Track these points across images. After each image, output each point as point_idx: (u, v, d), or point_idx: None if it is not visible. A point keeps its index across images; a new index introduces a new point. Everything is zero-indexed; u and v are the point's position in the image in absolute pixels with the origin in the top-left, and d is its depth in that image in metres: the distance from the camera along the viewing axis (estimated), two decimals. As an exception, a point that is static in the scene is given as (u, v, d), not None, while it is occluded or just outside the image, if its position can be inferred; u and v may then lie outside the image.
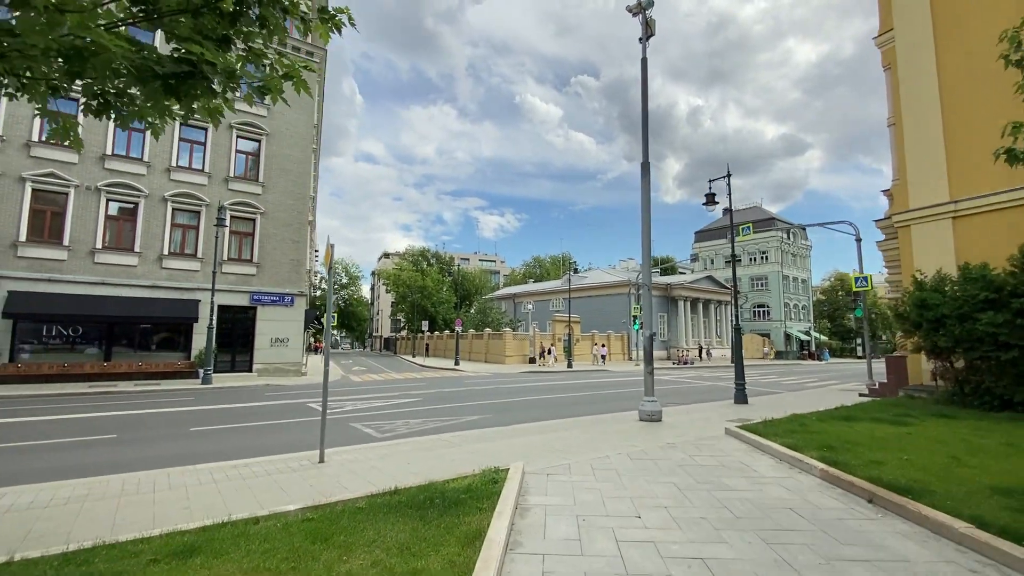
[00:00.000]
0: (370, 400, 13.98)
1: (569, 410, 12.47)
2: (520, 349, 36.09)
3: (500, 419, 10.95)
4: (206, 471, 6.14)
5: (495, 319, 43.50)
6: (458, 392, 16.21)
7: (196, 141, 21.04)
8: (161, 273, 19.78)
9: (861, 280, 19.06)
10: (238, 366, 21.27)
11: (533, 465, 6.24)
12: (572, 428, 9.20)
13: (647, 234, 10.45)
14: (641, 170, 10.74)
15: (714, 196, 14.68)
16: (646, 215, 10.44)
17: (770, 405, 12.99)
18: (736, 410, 11.92)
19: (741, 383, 13.42)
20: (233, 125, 21.59)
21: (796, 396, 15.70)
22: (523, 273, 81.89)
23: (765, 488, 5.32)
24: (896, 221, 13.94)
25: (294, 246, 22.70)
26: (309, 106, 23.74)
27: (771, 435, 7.65)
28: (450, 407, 12.75)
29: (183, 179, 20.47)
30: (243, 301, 21.31)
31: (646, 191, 10.52)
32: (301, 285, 22.67)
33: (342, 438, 8.78)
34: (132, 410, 11.93)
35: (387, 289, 64.92)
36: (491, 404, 13.45)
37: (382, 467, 6.33)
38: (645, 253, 10.42)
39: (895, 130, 14.48)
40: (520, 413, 11.87)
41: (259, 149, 22.35)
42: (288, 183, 22.78)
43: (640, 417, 10.16)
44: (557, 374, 26.76)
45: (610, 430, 8.99)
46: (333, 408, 12.29)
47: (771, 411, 11.67)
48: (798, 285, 61.07)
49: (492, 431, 8.96)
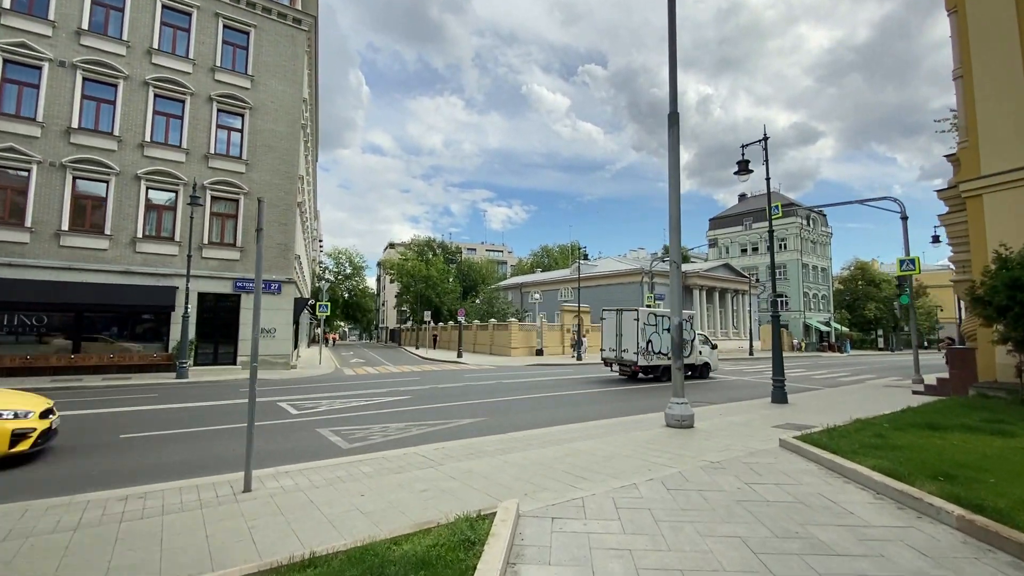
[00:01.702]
0: (352, 398, 12.29)
1: (580, 410, 10.68)
2: (527, 341, 34.31)
3: (498, 423, 9.18)
4: (79, 506, 4.43)
5: (501, 309, 41.72)
6: (454, 389, 14.47)
7: (172, 114, 19.33)
8: (135, 258, 18.20)
9: (907, 263, 16.96)
10: (221, 358, 19.73)
11: (533, 500, 4.46)
12: (585, 437, 7.40)
13: (676, 198, 8.55)
14: (668, 121, 8.82)
15: (747, 163, 12.68)
16: (675, 174, 8.53)
17: (814, 405, 11.09)
18: (778, 412, 10.04)
19: (780, 380, 11.53)
20: (213, 97, 19.85)
21: (839, 394, 13.76)
22: (531, 263, 79.90)
23: (887, 550, 3.48)
24: (964, 190, 11.88)
25: (281, 229, 21.01)
26: (296, 77, 21.92)
27: (847, 452, 5.80)
28: (442, 407, 11.00)
29: (158, 155, 18.80)
30: (226, 288, 19.70)
31: (674, 145, 8.61)
32: (289, 271, 21.02)
33: (298, 449, 7.07)
34: (83, 409, 10.33)
35: (391, 279, 63.41)
36: (490, 404, 11.69)
37: (323, 502, 4.58)
38: (673, 220, 8.53)
39: (962, 83, 12.35)
40: (522, 415, 10.10)
41: (242, 124, 20.60)
42: (274, 161, 21.04)
43: (667, 422, 8.34)
44: (565, 367, 24.96)
45: (633, 440, 7.17)
46: (306, 408, 10.61)
47: (820, 414, 9.80)
48: (818, 274, 58.53)
49: (486, 441, 7.19)
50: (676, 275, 8.61)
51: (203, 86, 19.80)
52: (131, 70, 18.55)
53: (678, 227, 8.57)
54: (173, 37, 19.62)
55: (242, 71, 20.73)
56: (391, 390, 13.93)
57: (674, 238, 8.58)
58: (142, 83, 18.69)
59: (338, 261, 67.03)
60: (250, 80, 20.79)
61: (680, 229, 8.62)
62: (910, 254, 17.35)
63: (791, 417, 9.45)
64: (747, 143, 12.83)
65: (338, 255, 66.86)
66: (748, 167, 12.66)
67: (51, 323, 16.98)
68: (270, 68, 21.33)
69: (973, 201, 11.75)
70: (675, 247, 8.58)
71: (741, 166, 12.68)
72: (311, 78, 27.64)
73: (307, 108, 25.19)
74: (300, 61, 22.13)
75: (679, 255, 8.62)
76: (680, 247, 8.61)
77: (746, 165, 12.67)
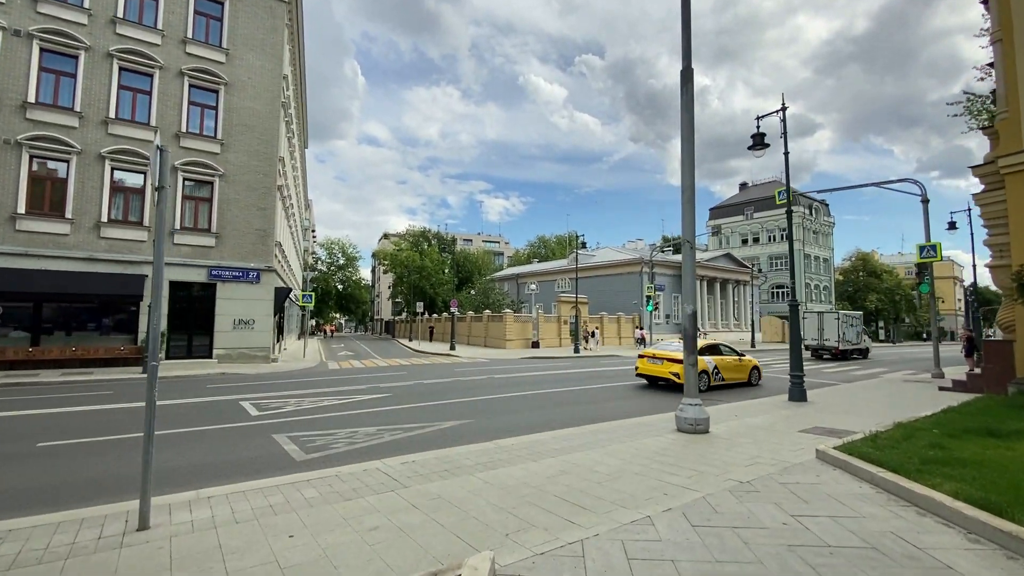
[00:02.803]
0: (326, 396, 11.12)
1: (578, 410, 9.54)
2: (522, 332, 33.18)
3: (485, 426, 8.04)
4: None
5: (496, 300, 40.54)
6: (441, 385, 13.32)
7: (140, 89, 17.93)
8: (99, 243, 16.91)
9: (928, 250, 15.85)
10: (196, 351, 18.52)
11: (515, 545, 3.31)
12: (585, 445, 6.26)
13: (690, 165, 7.35)
14: (681, 79, 7.61)
15: (763, 137, 11.47)
16: (688, 137, 7.33)
17: (837, 404, 9.98)
18: (800, 412, 8.92)
19: (799, 376, 10.42)
20: (184, 71, 18.45)
21: (858, 390, 12.67)
22: (527, 254, 78.65)
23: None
24: (1003, 166, 10.70)
25: (260, 214, 19.72)
26: (276, 52, 20.50)
27: (910, 470, 4.67)
28: (423, 407, 9.85)
29: (124, 133, 17.44)
30: (200, 277, 18.44)
31: (688, 104, 7.40)
32: (268, 259, 19.75)
33: (242, 461, 5.91)
34: (17, 410, 9.15)
35: (384, 270, 62.12)
36: (478, 403, 10.55)
37: (235, 549, 3.41)
38: (687, 191, 7.33)
39: (1001, 47, 11.13)
40: (513, 416, 8.95)
41: (217, 101, 19.22)
42: (252, 141, 19.69)
43: (679, 426, 7.21)
44: (562, 361, 23.86)
45: (641, 450, 6.04)
46: (270, 409, 9.44)
47: (847, 414, 8.70)
48: (820, 264, 57.51)
49: (466, 452, 6.04)
50: (690, 256, 7.43)
51: (173, 59, 18.39)
52: (93, 40, 17.13)
53: (692, 200, 7.37)
54: (140, 6, 18.16)
55: (216, 44, 19.30)
56: (372, 386, 12.77)
57: (687, 213, 7.38)
58: (105, 55, 17.28)
59: (331, 251, 65.63)
60: (225, 54, 19.37)
61: (695, 203, 7.43)
62: (930, 239, 16.24)
63: (816, 419, 8.34)
64: (762, 115, 11.62)
65: (330, 245, 65.45)
66: (764, 140, 11.44)
67: (7, 314, 15.71)
68: (247, 41, 19.90)
69: (1014, 178, 10.59)
70: (688, 223, 7.39)
71: (756, 139, 11.46)
72: (294, 55, 26.19)
73: (289, 86, 23.77)
74: (279, 34, 20.70)
75: (693, 232, 7.43)
76: (694, 223, 7.42)
77: (762, 139, 11.45)
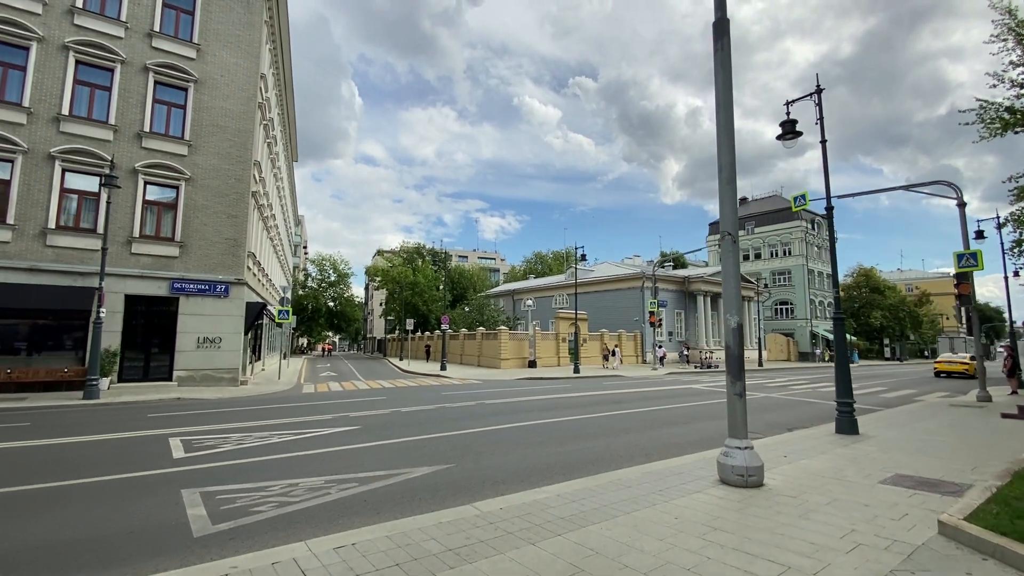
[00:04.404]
0: (279, 430, 9.26)
1: (586, 448, 7.71)
2: (518, 351, 31.31)
3: (467, 474, 6.21)
4: None
5: (491, 317, 38.74)
6: (422, 415, 11.44)
7: (98, 85, 16.39)
8: (45, 252, 15.13)
9: (967, 258, 14.26)
10: (153, 373, 16.61)
11: None
12: (602, 512, 4.46)
13: (727, 133, 5.73)
14: (714, 32, 6.05)
15: (794, 124, 9.93)
16: (725, 100, 5.73)
17: (898, 438, 8.19)
18: (862, 452, 7.14)
19: (848, 404, 8.68)
20: (149, 66, 16.95)
21: (907, 418, 10.89)
22: (524, 270, 77.09)
23: None
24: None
25: (231, 222, 18.02)
26: (252, 50, 19.08)
27: None
28: (395, 446, 8.01)
29: (78, 132, 15.83)
30: (160, 290, 16.64)
31: (724, 62, 5.82)
32: (239, 271, 17.98)
33: (112, 536, 4.04)
34: None
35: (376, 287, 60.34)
36: (463, 438, 8.71)
37: None
38: (726, 168, 5.67)
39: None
40: (504, 458, 7.12)
41: (185, 99, 17.69)
42: (223, 143, 18.11)
43: (723, 475, 5.43)
44: (562, 382, 22.00)
45: (684, 521, 4.23)
46: (202, 448, 7.59)
47: (920, 454, 6.92)
48: (823, 280, 56.09)
49: (433, 527, 4.22)
50: (732, 253, 5.74)
51: (137, 53, 16.91)
52: (47, 31, 15.65)
53: (733, 180, 5.72)
54: (102, -4, 16.76)
55: (186, 38, 17.87)
56: (341, 416, 10.90)
57: (727, 196, 5.71)
58: (60, 47, 15.77)
59: (322, 268, 63.84)
60: (195, 49, 17.92)
61: (736, 183, 5.78)
62: (969, 247, 14.70)
63: (885, 461, 6.57)
64: (793, 99, 10.09)
65: (321, 261, 63.69)
66: (795, 128, 9.88)
67: (-69, 331, 13.85)
68: (220, 37, 18.49)
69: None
70: (728, 208, 5.71)
71: (786, 127, 9.89)
72: (276, 58, 24.86)
73: (269, 89, 22.33)
74: (257, 31, 19.32)
75: (735, 222, 5.75)
76: (736, 208, 5.75)
77: (793, 126, 9.88)
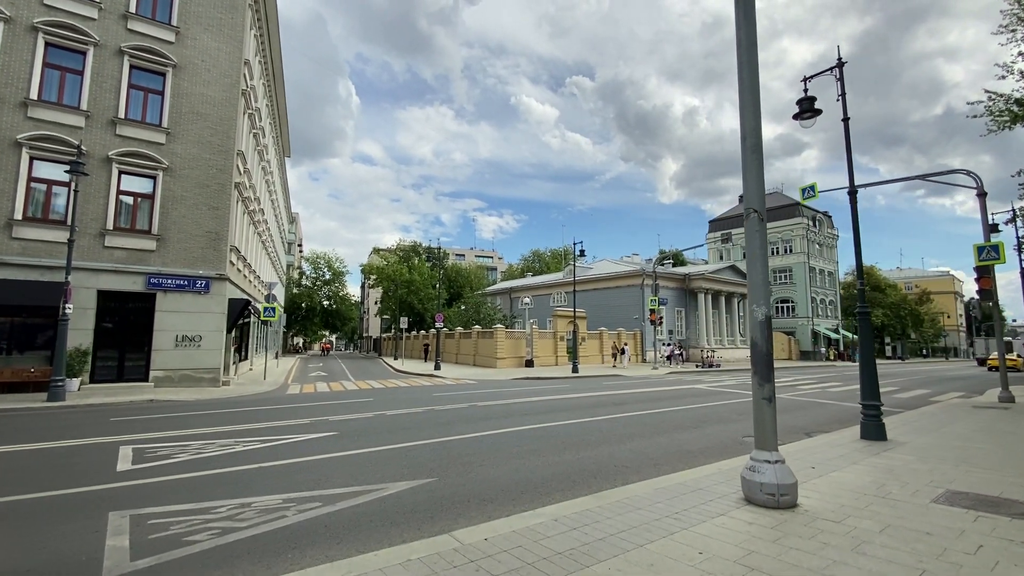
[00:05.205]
0: (246, 437, 8.41)
1: (587, 457, 6.88)
2: (515, 350, 30.48)
3: (451, 490, 5.37)
4: None
5: (488, 315, 37.90)
6: (408, 419, 10.60)
7: (70, 68, 15.48)
8: (11, 245, 14.24)
9: (988, 251, 13.47)
10: (129, 373, 15.73)
11: None
12: (610, 544, 3.63)
13: (752, 97, 4.92)
14: (736, -22, 5.19)
15: (813, 101, 9.13)
16: (748, 57, 4.93)
17: (934, 447, 7.38)
18: (898, 461, 6.34)
19: (875, 407, 7.88)
20: (124, 49, 16.05)
21: (933, 421, 10.10)
22: (522, 268, 76.27)
23: None
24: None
25: (212, 214, 17.13)
26: (235, 34, 18.18)
27: None
28: (373, 455, 7.17)
29: (47, 117, 14.93)
30: (136, 285, 15.76)
31: (748, 12, 4.99)
32: (220, 266, 17.09)
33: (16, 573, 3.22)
34: None
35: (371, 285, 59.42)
36: (450, 446, 7.87)
37: None
38: (750, 134, 4.86)
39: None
40: (495, 469, 6.29)
41: (163, 85, 16.80)
42: (204, 131, 17.22)
43: (750, 494, 4.61)
44: (560, 382, 21.19)
45: (709, 557, 3.40)
46: (154, 458, 6.74)
47: (964, 464, 6.12)
48: (825, 278, 55.43)
49: (399, 567, 3.39)
50: (758, 233, 4.92)
51: (112, 35, 16.01)
52: (15, 11, 14.74)
53: (759, 149, 4.90)
54: (74, -25, 15.85)
55: (164, 21, 16.97)
56: (320, 420, 10.04)
57: (752, 168, 4.88)
58: (28, 27, 14.87)
59: (316, 266, 62.86)
60: (174, 33, 17.02)
61: (762, 153, 4.96)
62: (989, 239, 13.91)
63: (928, 473, 5.77)
64: (811, 75, 9.28)
65: (316, 259, 62.71)
66: (814, 106, 9.07)
67: None
68: (201, 20, 17.59)
69: None
70: (754, 182, 4.89)
71: (804, 104, 9.07)
72: (264, 45, 23.95)
73: (254, 76, 21.42)
74: (240, 15, 18.42)
75: (762, 197, 4.94)
76: (762, 179, 4.93)
77: (811, 103, 9.07)
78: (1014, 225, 19.51)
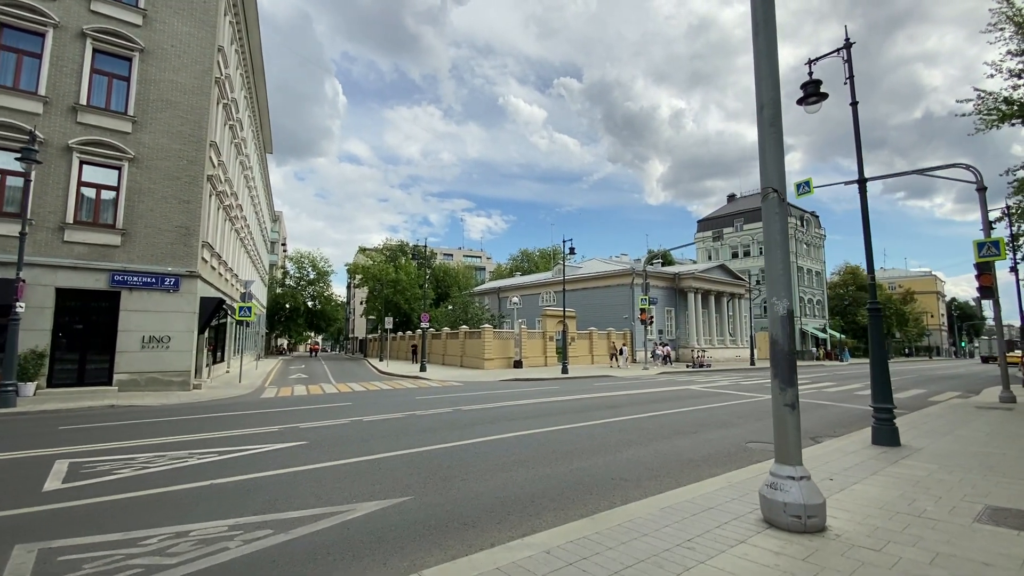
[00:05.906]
0: (203, 448, 7.62)
1: (582, 468, 6.23)
2: (503, 350, 29.81)
3: (427, 511, 4.66)
4: None
5: (475, 315, 37.16)
6: (386, 426, 9.86)
7: (27, 51, 14.46)
8: (-41, 240, 13.22)
9: (989, 247, 13.11)
10: (91, 376, 14.74)
11: None
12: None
13: (769, 64, 4.32)
14: (751, -72, 4.58)
15: (818, 85, 8.62)
16: (764, 17, 4.31)
17: (953, 453, 6.86)
18: (922, 471, 5.79)
19: (887, 410, 7.35)
20: (87, 32, 15.06)
21: (941, 424, 9.65)
22: (510, 267, 75.58)
23: None
24: None
25: (183, 207, 16.18)
26: (208, 19, 17.24)
27: None
28: (343, 468, 6.44)
29: (2, 103, 13.91)
30: (99, 283, 14.78)
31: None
32: (191, 263, 16.15)
33: None
34: None
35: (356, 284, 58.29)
36: (430, 456, 7.17)
37: None
38: (767, 104, 4.27)
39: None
40: (478, 484, 5.60)
41: (129, 70, 15.83)
42: (173, 120, 16.26)
43: (770, 515, 3.99)
44: (550, 384, 20.57)
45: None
46: (96, 472, 5.95)
47: (992, 472, 5.56)
48: (812, 278, 55.65)
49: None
50: (778, 215, 4.30)
51: (73, 17, 15.01)
52: (-36, -12, 13.70)
53: (778, 121, 4.30)
54: (31, -49, 14.82)
55: (130, 3, 15.99)
56: (289, 428, 9.26)
57: (770, 141, 4.28)
58: (-21, 6, 13.84)
59: (300, 265, 61.52)
60: (141, 16, 16.06)
61: (781, 126, 4.35)
62: (990, 235, 13.58)
63: (959, 484, 5.22)
64: (817, 57, 8.76)
65: (300, 259, 61.37)
66: (820, 90, 8.54)
67: None
68: (170, 3, 16.64)
69: None
70: (773, 158, 4.28)
71: (809, 88, 8.54)
72: (240, 33, 22.98)
73: (229, 64, 20.46)
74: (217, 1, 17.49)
75: (782, 175, 4.33)
76: (782, 156, 4.32)
77: (817, 87, 8.54)
78: (1008, 222, 19.36)
